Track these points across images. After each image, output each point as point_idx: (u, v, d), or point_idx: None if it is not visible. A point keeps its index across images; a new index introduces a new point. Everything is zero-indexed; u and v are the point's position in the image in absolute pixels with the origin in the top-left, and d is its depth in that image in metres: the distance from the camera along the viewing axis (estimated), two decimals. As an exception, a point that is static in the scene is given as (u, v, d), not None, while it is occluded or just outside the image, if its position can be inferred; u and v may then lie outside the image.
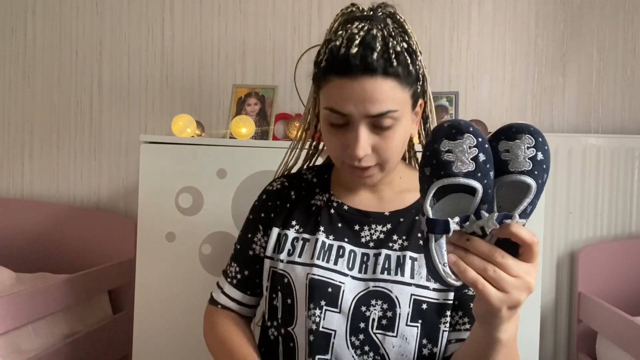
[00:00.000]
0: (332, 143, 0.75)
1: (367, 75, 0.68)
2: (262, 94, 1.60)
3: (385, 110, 0.70)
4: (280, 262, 0.82)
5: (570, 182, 1.71)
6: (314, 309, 0.76)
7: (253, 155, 1.36)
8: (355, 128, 0.71)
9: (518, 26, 1.81)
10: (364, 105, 0.69)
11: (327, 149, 0.79)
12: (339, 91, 0.70)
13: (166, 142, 1.41)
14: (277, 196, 0.88)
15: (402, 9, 0.79)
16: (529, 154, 0.53)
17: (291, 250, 0.82)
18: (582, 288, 1.65)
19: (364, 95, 0.69)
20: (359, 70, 0.68)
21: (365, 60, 0.68)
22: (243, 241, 0.90)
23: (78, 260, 1.87)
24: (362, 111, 0.70)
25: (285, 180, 0.90)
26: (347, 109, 0.70)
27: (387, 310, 0.75)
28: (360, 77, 0.68)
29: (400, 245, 0.79)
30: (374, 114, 0.70)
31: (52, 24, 1.99)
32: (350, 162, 0.74)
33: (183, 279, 1.38)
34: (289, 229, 0.84)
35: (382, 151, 0.73)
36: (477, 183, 0.52)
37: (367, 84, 0.68)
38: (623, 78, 1.81)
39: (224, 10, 1.89)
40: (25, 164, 2.03)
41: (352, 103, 0.69)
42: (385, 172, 0.77)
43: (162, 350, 1.40)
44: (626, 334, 1.34)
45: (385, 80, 0.69)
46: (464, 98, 1.80)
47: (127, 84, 1.95)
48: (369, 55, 0.68)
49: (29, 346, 1.38)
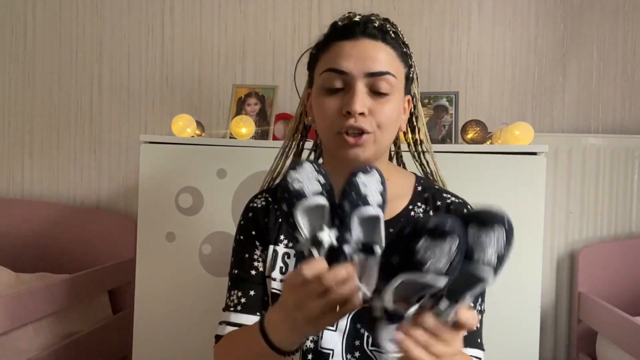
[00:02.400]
0: (326, 109, 0.74)
1: (367, 37, 0.73)
2: (262, 94, 1.60)
3: (385, 69, 0.72)
4: (273, 281, 0.79)
5: (570, 182, 1.71)
6: None
7: (253, 155, 1.36)
8: (353, 86, 0.72)
9: (518, 26, 1.81)
10: (364, 61, 0.71)
11: (319, 121, 0.76)
12: (339, 51, 0.73)
13: (166, 142, 1.41)
14: (264, 213, 0.84)
15: (402, 9, 0.81)
16: (498, 250, 0.50)
17: (283, 267, 0.80)
18: (582, 288, 1.65)
19: (365, 54, 0.72)
20: (360, 33, 0.73)
21: (365, 26, 0.73)
22: (240, 265, 0.84)
23: (78, 260, 1.87)
24: (362, 68, 0.71)
25: (267, 195, 0.86)
26: (346, 65, 0.72)
27: None
28: (361, 38, 0.73)
29: None
30: (374, 71, 0.71)
31: (52, 24, 1.99)
32: (344, 125, 0.71)
33: (183, 279, 1.38)
34: (278, 244, 0.82)
35: (377, 115, 0.72)
36: (445, 281, 0.48)
37: (368, 44, 0.72)
38: (623, 78, 1.81)
39: (224, 10, 1.89)
40: (25, 164, 2.03)
41: (352, 60, 0.72)
42: (377, 147, 0.75)
43: (162, 350, 1.40)
44: (626, 334, 1.33)
45: (384, 46, 0.73)
46: (464, 98, 1.80)
47: (127, 84, 1.95)
48: (370, 24, 0.73)
49: (29, 346, 1.38)
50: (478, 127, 1.39)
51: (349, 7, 1.82)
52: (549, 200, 1.69)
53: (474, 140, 1.39)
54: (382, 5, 1.76)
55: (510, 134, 1.34)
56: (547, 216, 1.68)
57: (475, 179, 1.28)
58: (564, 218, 1.71)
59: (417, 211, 0.81)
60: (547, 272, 1.71)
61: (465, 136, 1.40)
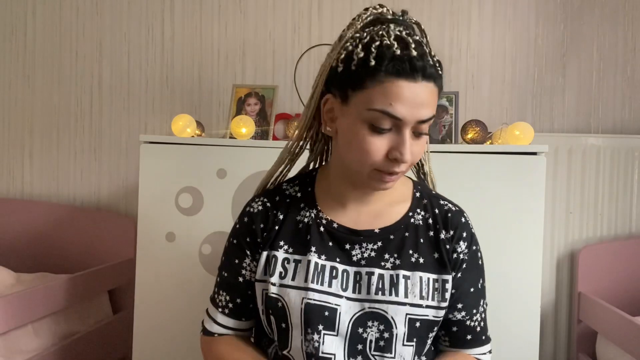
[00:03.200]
0: (371, 148, 0.70)
1: (426, 80, 0.68)
2: (262, 94, 1.60)
3: (432, 115, 0.70)
4: (272, 286, 0.78)
5: (570, 182, 1.71)
6: (312, 334, 0.74)
7: (253, 155, 1.36)
8: (403, 133, 0.69)
9: (518, 26, 1.81)
10: (418, 110, 0.68)
11: (356, 152, 0.72)
12: (398, 93, 0.67)
13: (166, 142, 1.41)
14: (262, 218, 0.83)
15: (402, 9, 0.79)
16: None
17: (283, 273, 0.79)
18: (582, 288, 1.65)
19: (422, 100, 0.68)
20: (420, 74, 0.67)
21: (424, 65, 0.67)
22: (229, 268, 0.85)
23: (78, 260, 1.87)
24: (416, 116, 0.69)
25: (265, 199, 0.85)
26: (402, 112, 0.68)
27: (384, 332, 0.75)
28: (421, 81, 0.68)
29: (392, 264, 0.78)
30: (424, 119, 0.69)
31: (52, 24, 1.99)
32: (389, 169, 0.71)
33: (183, 279, 1.38)
34: (277, 250, 0.80)
35: (414, 155, 0.72)
36: None
37: (426, 89, 0.68)
38: (623, 78, 1.81)
39: (224, 10, 1.89)
40: (25, 164, 2.03)
41: (409, 106, 0.68)
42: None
43: (162, 350, 1.40)
44: (626, 334, 1.34)
45: (435, 89, 0.70)
46: (464, 98, 1.80)
47: (127, 84, 1.95)
48: (426, 61, 0.68)
49: (29, 346, 1.38)
50: (478, 127, 1.39)
51: (349, 7, 1.82)
52: (549, 200, 1.69)
53: (474, 140, 1.39)
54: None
55: (510, 134, 1.34)
56: (547, 216, 1.68)
57: (475, 179, 1.28)
58: (564, 218, 1.72)
59: (417, 218, 0.82)
60: (547, 272, 1.71)
61: (465, 136, 1.40)
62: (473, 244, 0.83)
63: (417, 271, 0.77)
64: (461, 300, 0.81)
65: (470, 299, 0.82)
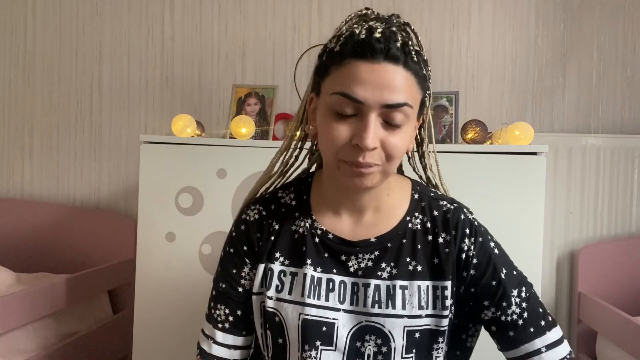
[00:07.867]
0: (334, 135, 0.67)
1: (389, 62, 0.64)
2: (262, 94, 1.60)
3: (402, 101, 0.65)
4: (269, 300, 0.76)
5: (570, 182, 1.71)
6: (309, 350, 0.73)
7: (253, 155, 1.36)
8: (366, 117, 0.65)
9: (518, 26, 1.81)
10: (381, 92, 0.64)
11: (324, 143, 0.70)
12: (356, 74, 0.64)
13: (166, 142, 1.41)
14: (258, 228, 0.80)
15: (402, 9, 0.78)
16: None
17: (279, 286, 0.76)
18: (582, 288, 1.65)
19: (384, 82, 0.64)
20: (382, 55, 0.64)
21: (388, 46, 0.64)
22: (227, 278, 0.81)
23: (78, 260, 1.87)
24: (379, 99, 0.64)
25: (261, 207, 0.82)
26: (362, 94, 0.64)
27: (382, 346, 0.73)
28: (382, 62, 0.64)
29: (389, 273, 0.75)
30: (390, 103, 0.64)
31: (52, 24, 1.99)
32: (352, 158, 0.67)
33: (183, 279, 1.38)
34: (273, 262, 0.78)
35: (388, 148, 0.67)
36: None
37: (388, 70, 0.64)
38: (623, 78, 1.81)
39: (224, 10, 1.89)
40: (25, 164, 2.03)
41: (370, 88, 0.64)
42: (383, 176, 0.71)
43: (162, 350, 1.40)
44: (626, 334, 1.33)
45: (405, 72, 0.65)
46: (464, 98, 1.80)
47: (127, 84, 1.96)
48: (392, 43, 0.64)
49: (29, 346, 1.38)
50: (478, 127, 1.39)
51: (349, 7, 1.82)
52: (549, 200, 1.69)
53: (474, 140, 1.39)
54: (382, 5, 1.75)
55: (510, 134, 1.34)
56: (547, 216, 1.68)
57: (475, 179, 1.28)
58: (564, 218, 1.71)
59: (415, 222, 0.78)
60: (547, 272, 1.71)
61: (465, 136, 1.40)
62: (479, 236, 0.77)
63: (414, 280, 0.75)
64: (484, 297, 0.76)
65: (495, 293, 0.76)
